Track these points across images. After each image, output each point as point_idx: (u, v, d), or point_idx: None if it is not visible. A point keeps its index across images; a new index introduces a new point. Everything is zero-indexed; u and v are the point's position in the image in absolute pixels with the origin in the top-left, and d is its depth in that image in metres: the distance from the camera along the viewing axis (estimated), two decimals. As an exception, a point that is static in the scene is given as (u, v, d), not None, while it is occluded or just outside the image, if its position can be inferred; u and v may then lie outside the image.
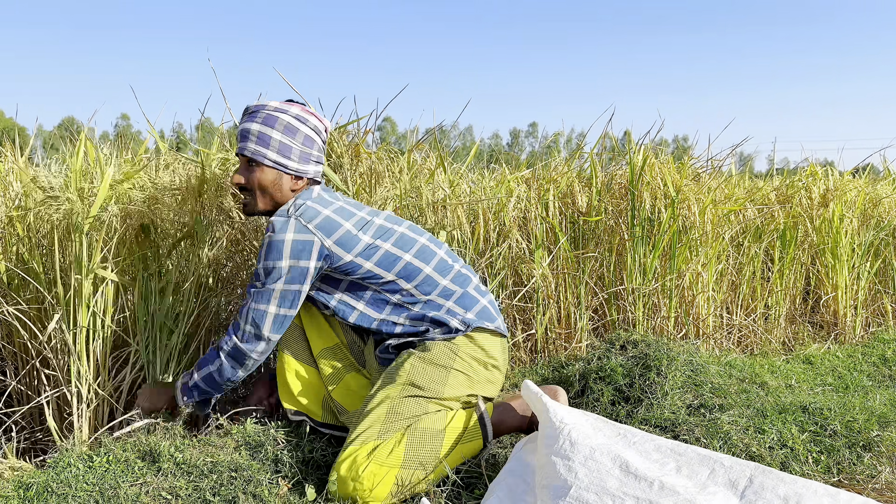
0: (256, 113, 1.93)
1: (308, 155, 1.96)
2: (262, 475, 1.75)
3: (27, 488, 1.67)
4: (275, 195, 1.95)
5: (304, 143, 1.95)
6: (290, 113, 1.93)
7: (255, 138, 1.91)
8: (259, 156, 1.90)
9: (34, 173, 2.24)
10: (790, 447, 1.94)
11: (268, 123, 1.91)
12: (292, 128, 1.93)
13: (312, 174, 1.98)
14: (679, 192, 2.92)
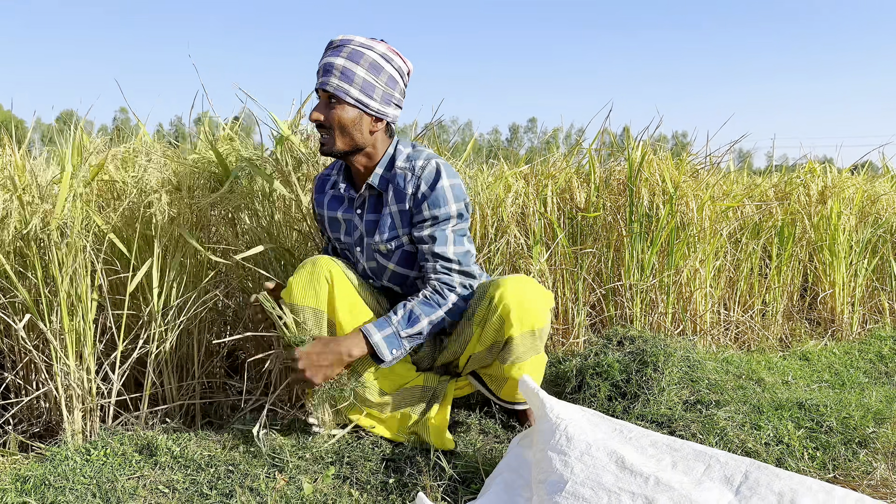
0: (342, 47, 1.84)
1: (390, 96, 1.89)
2: (259, 469, 1.75)
3: (24, 481, 1.67)
4: (354, 135, 1.88)
5: (387, 83, 1.87)
6: (376, 50, 1.85)
7: (338, 73, 1.81)
8: (341, 92, 1.82)
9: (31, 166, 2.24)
10: (786, 443, 1.94)
11: (353, 59, 1.82)
12: (377, 65, 1.85)
13: (392, 118, 1.93)
14: (677, 188, 2.92)
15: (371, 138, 1.91)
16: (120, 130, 2.93)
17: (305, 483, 1.62)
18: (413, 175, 1.89)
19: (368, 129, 1.89)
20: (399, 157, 1.94)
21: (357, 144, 1.90)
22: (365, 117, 1.87)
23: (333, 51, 1.85)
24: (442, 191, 1.86)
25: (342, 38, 1.86)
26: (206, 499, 1.63)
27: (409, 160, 1.93)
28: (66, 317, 2.01)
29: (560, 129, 4.56)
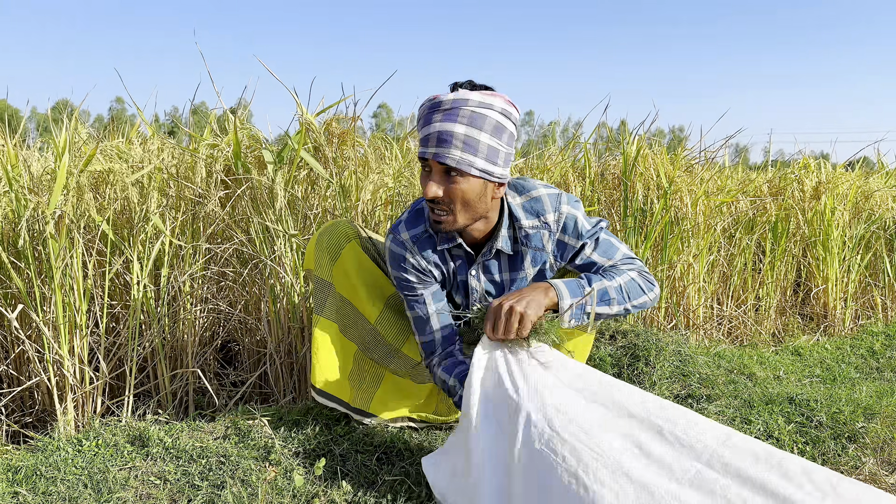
0: (457, 110, 1.58)
1: (509, 155, 1.66)
2: (250, 461, 1.76)
3: (16, 471, 1.67)
4: (478, 207, 1.65)
5: (508, 142, 1.64)
6: (496, 108, 1.60)
7: (460, 143, 1.56)
8: (465, 165, 1.57)
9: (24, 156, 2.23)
10: (776, 438, 1.96)
11: (475, 125, 1.58)
12: (500, 127, 1.61)
13: (509, 175, 1.70)
14: (672, 183, 2.93)
15: (492, 204, 1.69)
16: (115, 120, 2.92)
17: (296, 475, 1.62)
18: (551, 233, 1.75)
19: (490, 196, 1.66)
20: (519, 213, 1.74)
21: (479, 215, 1.68)
22: (489, 185, 1.64)
23: (446, 115, 1.59)
24: (583, 222, 1.76)
25: (454, 97, 1.59)
26: (198, 490, 1.64)
27: (533, 214, 1.74)
28: (59, 307, 2.01)
29: (557, 122, 4.56)
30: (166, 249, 2.26)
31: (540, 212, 1.73)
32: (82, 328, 2.08)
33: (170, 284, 2.28)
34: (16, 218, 2.15)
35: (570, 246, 1.77)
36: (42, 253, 2.05)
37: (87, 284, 2.08)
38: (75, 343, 2.08)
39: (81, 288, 2.06)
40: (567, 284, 1.68)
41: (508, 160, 1.66)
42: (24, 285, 2.04)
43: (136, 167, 2.24)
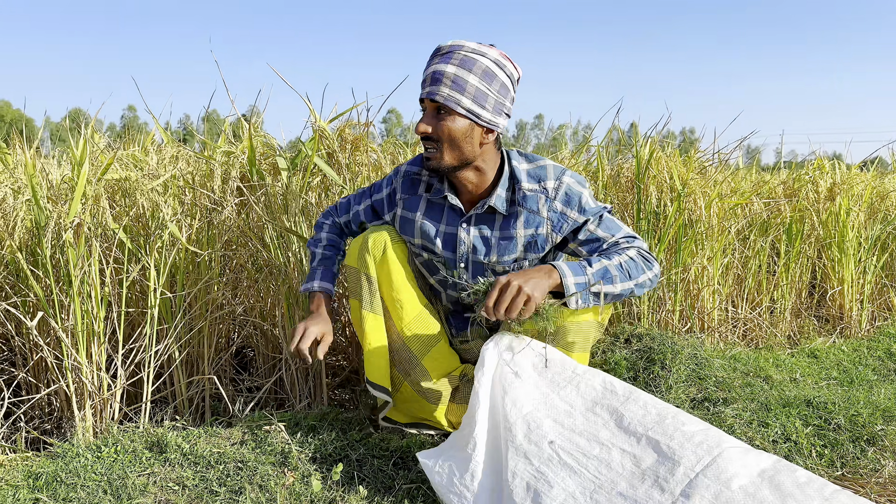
0: (451, 53, 1.71)
1: (501, 105, 1.76)
2: (268, 466, 1.77)
3: (36, 477, 1.69)
4: (464, 148, 1.76)
5: (499, 91, 1.74)
6: (488, 56, 1.72)
7: (449, 81, 1.69)
8: (452, 102, 1.69)
9: (42, 165, 2.26)
10: (794, 441, 1.94)
11: (465, 66, 1.69)
12: (490, 73, 1.71)
13: (502, 128, 1.80)
14: (685, 185, 2.92)
15: (480, 151, 1.79)
16: (127, 128, 2.95)
17: (314, 480, 1.63)
18: (547, 199, 1.81)
19: (479, 142, 1.77)
20: (521, 176, 1.83)
21: (466, 158, 1.78)
22: (476, 128, 1.75)
23: (442, 57, 1.73)
24: (586, 200, 1.81)
25: (451, 43, 1.74)
26: (216, 496, 1.65)
27: (535, 179, 1.82)
28: (78, 315, 2.02)
29: (567, 125, 4.56)
30: (182, 256, 2.28)
31: (542, 178, 1.82)
32: (100, 335, 2.10)
33: (186, 291, 2.29)
34: (34, 227, 2.18)
35: (573, 220, 1.82)
36: (60, 261, 2.07)
37: (104, 292, 2.10)
38: (93, 350, 2.10)
39: (99, 295, 2.08)
40: (570, 265, 1.70)
41: (499, 108, 1.76)
42: (42, 293, 2.06)
43: (152, 175, 2.26)
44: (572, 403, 1.59)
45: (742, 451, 1.39)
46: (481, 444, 1.58)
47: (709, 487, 1.31)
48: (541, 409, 1.58)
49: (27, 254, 2.24)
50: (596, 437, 1.50)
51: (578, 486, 1.43)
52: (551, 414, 1.57)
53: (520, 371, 1.66)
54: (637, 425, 1.49)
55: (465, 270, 1.94)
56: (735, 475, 1.32)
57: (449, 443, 1.69)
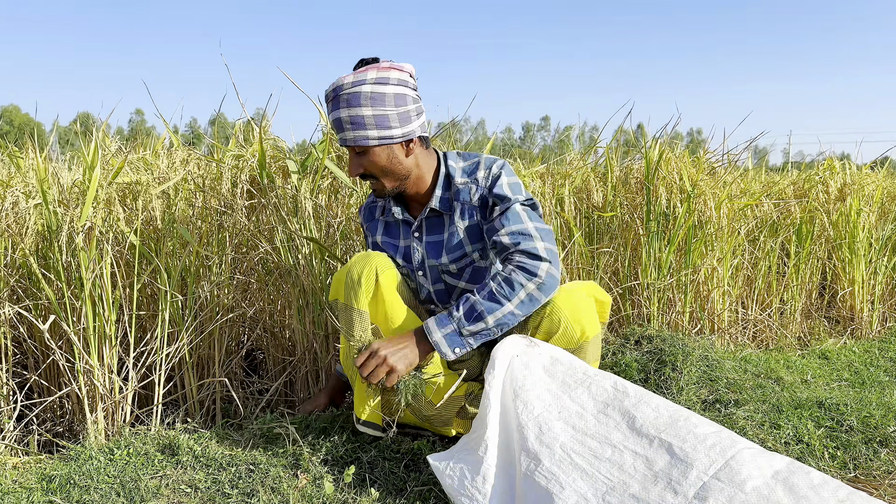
0: (337, 98, 1.76)
1: (406, 113, 1.78)
2: (279, 469, 1.77)
3: (50, 480, 1.70)
4: (396, 170, 1.83)
5: (396, 104, 1.76)
6: (368, 82, 1.73)
7: (349, 125, 1.75)
8: (362, 140, 1.76)
9: (53, 170, 2.27)
10: (806, 443, 1.94)
11: (353, 104, 1.74)
12: (377, 96, 1.74)
13: (419, 129, 1.83)
14: (695, 186, 2.91)
15: (412, 161, 1.85)
16: (134, 132, 2.96)
17: (327, 482, 1.63)
18: (477, 186, 1.85)
19: (405, 156, 1.83)
20: (456, 174, 1.88)
21: (404, 175, 1.85)
22: (395, 148, 1.81)
23: (332, 105, 1.78)
24: (505, 186, 1.82)
25: (333, 86, 1.77)
26: (228, 498, 1.65)
27: (468, 174, 1.88)
28: (90, 318, 2.03)
29: (572, 127, 4.56)
30: (192, 260, 2.29)
31: (474, 170, 1.87)
32: (111, 338, 2.11)
33: (196, 294, 2.30)
34: (45, 230, 2.19)
35: (491, 204, 1.85)
36: (72, 264, 2.08)
37: (115, 295, 2.11)
38: (105, 353, 2.11)
39: (110, 298, 2.09)
40: (437, 319, 1.73)
41: (405, 118, 1.78)
42: (55, 296, 2.07)
43: (162, 178, 2.27)
44: (583, 405, 1.59)
45: (755, 453, 1.38)
46: (493, 447, 1.58)
47: (723, 490, 1.31)
48: (552, 411, 1.58)
49: (39, 257, 2.25)
50: (608, 439, 1.50)
51: (591, 487, 1.43)
52: (562, 416, 1.57)
53: (530, 373, 1.66)
54: (649, 427, 1.48)
55: (424, 278, 1.99)
56: (749, 477, 1.32)
57: (460, 445, 1.69)
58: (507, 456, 1.59)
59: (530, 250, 1.73)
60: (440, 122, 2.89)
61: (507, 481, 1.56)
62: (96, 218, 2.03)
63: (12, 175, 2.44)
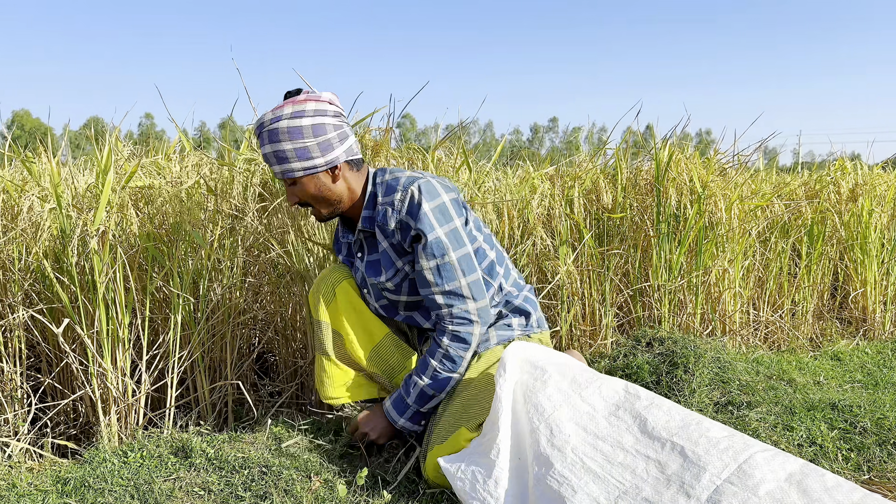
0: (261, 135, 1.84)
1: (327, 142, 1.82)
2: (293, 471, 1.77)
3: (65, 482, 1.71)
4: (327, 196, 1.88)
5: (315, 133, 1.80)
6: (284, 117, 1.79)
7: (274, 159, 1.82)
8: (289, 174, 1.82)
9: (66, 174, 2.29)
10: (819, 445, 1.93)
11: (273, 139, 1.80)
12: (295, 129, 1.79)
13: (345, 154, 1.86)
14: (705, 187, 2.91)
15: (341, 186, 1.89)
16: (146, 136, 2.98)
17: (339, 485, 1.64)
18: (394, 210, 1.85)
19: (332, 182, 1.87)
20: (379, 192, 1.90)
21: (336, 200, 1.89)
22: (321, 176, 1.85)
23: (259, 140, 1.86)
24: (425, 217, 1.81)
25: (256, 124, 1.85)
26: (242, 500, 1.66)
27: (387, 193, 1.88)
28: (103, 321, 2.05)
29: (580, 128, 4.56)
30: (205, 263, 2.30)
31: (392, 191, 1.87)
32: (125, 341, 2.12)
33: (208, 297, 2.31)
34: (59, 234, 2.21)
35: (412, 235, 1.84)
36: (85, 268, 2.09)
37: (129, 298, 2.13)
38: (118, 356, 2.12)
39: (124, 302, 2.11)
40: (394, 405, 1.91)
41: (327, 146, 1.82)
42: (68, 300, 2.09)
43: (174, 182, 2.28)
44: (594, 406, 1.58)
45: (768, 457, 1.38)
46: (505, 450, 1.58)
47: (736, 494, 1.30)
48: (563, 410, 1.58)
49: (53, 261, 2.27)
50: (619, 442, 1.50)
51: (603, 491, 1.43)
52: (573, 416, 1.57)
53: (541, 373, 1.66)
54: (661, 431, 1.48)
55: (369, 295, 2.04)
56: (762, 481, 1.31)
57: (471, 449, 1.69)
58: (518, 460, 1.59)
59: (463, 315, 1.85)
60: (448, 125, 2.88)
61: (519, 485, 1.56)
62: (110, 222, 2.04)
63: (26, 180, 2.46)
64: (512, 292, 2.00)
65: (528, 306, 2.01)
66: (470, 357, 1.87)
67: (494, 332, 1.98)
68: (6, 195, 2.41)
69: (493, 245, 2.00)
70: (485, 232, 2.00)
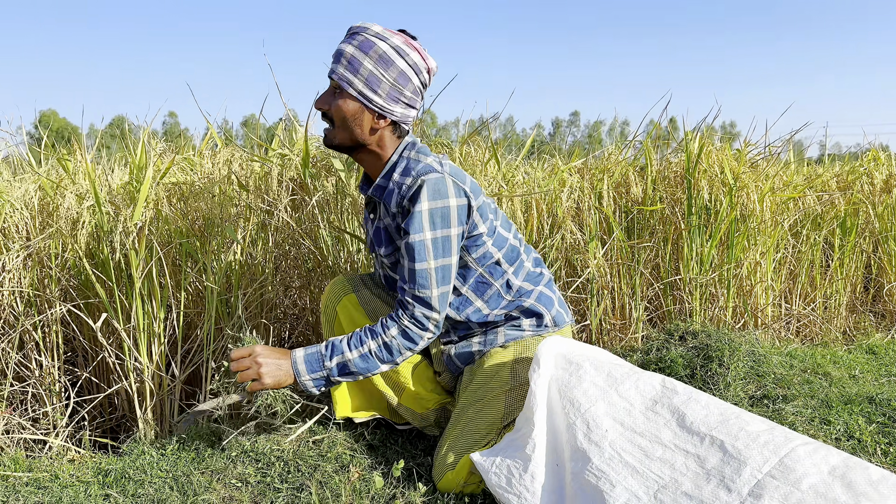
0: (355, 35, 1.70)
1: (399, 93, 1.72)
2: (327, 463, 1.79)
3: (105, 474, 1.74)
4: (354, 130, 1.74)
5: (397, 79, 1.70)
6: (389, 42, 1.68)
7: (345, 62, 1.69)
8: (345, 82, 1.69)
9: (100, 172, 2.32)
10: (857, 439, 1.90)
11: (363, 49, 1.68)
12: (387, 58, 1.68)
13: (400, 116, 1.75)
14: (737, 179, 2.87)
15: (373, 137, 1.77)
16: (171, 134, 3.01)
17: (376, 476, 1.65)
18: (399, 194, 1.75)
19: (370, 126, 1.75)
20: (398, 167, 1.78)
21: (357, 140, 1.76)
22: (366, 113, 1.73)
23: (348, 38, 1.72)
24: (419, 216, 1.69)
25: (360, 24, 1.72)
26: (279, 492, 1.67)
27: (405, 173, 1.76)
28: (140, 316, 2.08)
29: (602, 122, 4.53)
30: (237, 258, 2.32)
31: (409, 171, 1.75)
32: (160, 336, 2.15)
33: (241, 291, 2.33)
34: (96, 230, 2.24)
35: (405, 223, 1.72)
36: (122, 263, 2.12)
37: (164, 293, 2.15)
38: (153, 350, 2.15)
39: (159, 297, 2.13)
40: (307, 359, 1.70)
41: (395, 95, 1.72)
42: (105, 295, 2.12)
43: (208, 178, 2.30)
44: (631, 400, 1.58)
45: (811, 450, 1.36)
46: (541, 445, 1.58)
47: (778, 488, 1.29)
48: (599, 405, 1.58)
49: (89, 257, 2.31)
50: (658, 437, 1.49)
51: (641, 485, 1.42)
52: (610, 411, 1.56)
53: (576, 368, 1.66)
54: (700, 425, 1.47)
55: (377, 262, 1.96)
56: (805, 475, 1.30)
57: (505, 443, 1.69)
58: (554, 455, 1.58)
59: (422, 320, 1.72)
60: (468, 120, 2.87)
61: (555, 480, 1.55)
62: (146, 217, 2.07)
63: (62, 178, 2.49)
64: (524, 289, 1.87)
65: (540, 307, 1.88)
66: (409, 356, 1.75)
67: (503, 330, 1.88)
68: (42, 192, 2.45)
69: (504, 242, 1.86)
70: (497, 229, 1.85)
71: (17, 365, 2.24)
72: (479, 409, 1.80)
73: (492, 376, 1.83)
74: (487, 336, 1.89)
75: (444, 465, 1.73)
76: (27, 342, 2.27)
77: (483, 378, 1.84)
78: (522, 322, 1.88)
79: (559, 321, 1.91)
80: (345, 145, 1.79)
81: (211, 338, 2.24)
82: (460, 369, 1.94)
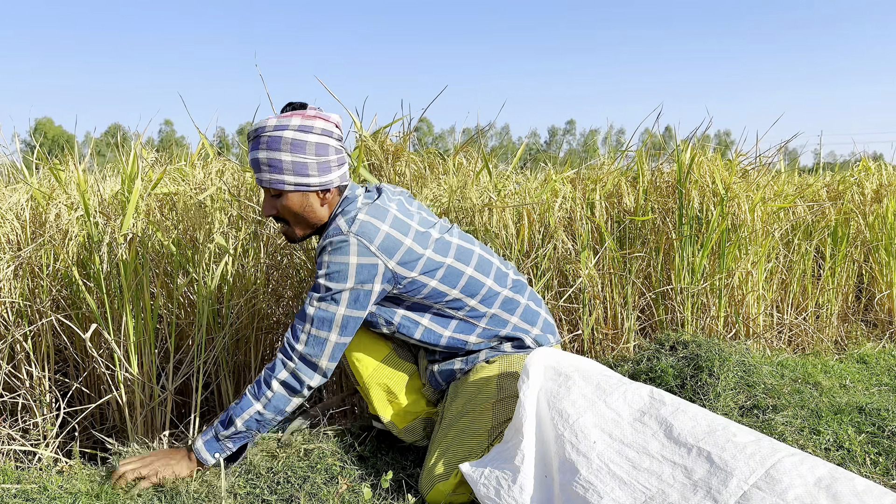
0: (258, 138, 1.76)
1: (326, 163, 1.77)
2: (317, 475, 1.79)
3: (95, 485, 1.73)
4: (308, 217, 1.82)
5: (317, 153, 1.75)
6: (290, 127, 1.73)
7: (266, 167, 1.75)
8: (278, 184, 1.76)
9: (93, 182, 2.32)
10: (847, 449, 1.91)
11: (272, 147, 1.73)
12: (298, 142, 1.73)
13: (339, 180, 1.82)
14: (728, 189, 2.89)
15: (324, 210, 1.83)
16: (166, 143, 3.01)
17: (365, 488, 1.65)
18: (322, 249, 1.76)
19: (319, 204, 1.81)
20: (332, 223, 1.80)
21: (315, 222, 1.83)
22: (310, 196, 1.79)
23: (253, 144, 1.77)
24: (322, 263, 1.73)
25: (256, 126, 1.77)
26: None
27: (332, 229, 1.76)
28: (130, 327, 2.07)
29: (597, 131, 4.54)
30: (229, 269, 2.32)
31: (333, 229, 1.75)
32: (151, 346, 2.15)
33: (232, 302, 2.33)
34: (87, 241, 2.24)
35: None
36: (111, 274, 2.12)
37: (155, 303, 2.15)
38: (144, 361, 2.15)
39: (150, 308, 2.13)
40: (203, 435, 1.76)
41: (326, 168, 1.78)
42: (96, 305, 2.12)
43: (199, 188, 2.31)
44: (619, 412, 1.58)
45: (797, 461, 1.37)
46: (529, 457, 1.58)
47: (764, 499, 1.29)
48: (587, 416, 1.58)
49: (80, 267, 2.30)
50: (645, 448, 1.49)
51: (629, 496, 1.42)
52: (598, 423, 1.56)
53: (565, 379, 1.66)
54: (688, 436, 1.47)
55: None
56: (790, 486, 1.30)
57: (494, 454, 1.69)
58: (543, 466, 1.59)
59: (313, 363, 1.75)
60: (464, 128, 2.88)
61: (544, 492, 1.55)
62: (136, 228, 2.07)
63: (54, 187, 2.50)
64: (499, 317, 1.88)
65: (519, 333, 1.89)
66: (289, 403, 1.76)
67: (485, 351, 1.90)
68: (34, 202, 2.45)
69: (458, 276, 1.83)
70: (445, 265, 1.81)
71: (7, 375, 2.24)
72: (468, 421, 1.80)
73: (478, 390, 1.83)
74: (469, 356, 1.90)
75: (432, 476, 1.73)
76: (17, 352, 2.26)
77: (469, 392, 1.85)
78: (504, 346, 1.91)
79: (542, 341, 1.92)
80: (308, 233, 1.87)
81: (202, 348, 2.23)
82: (442, 386, 1.95)
